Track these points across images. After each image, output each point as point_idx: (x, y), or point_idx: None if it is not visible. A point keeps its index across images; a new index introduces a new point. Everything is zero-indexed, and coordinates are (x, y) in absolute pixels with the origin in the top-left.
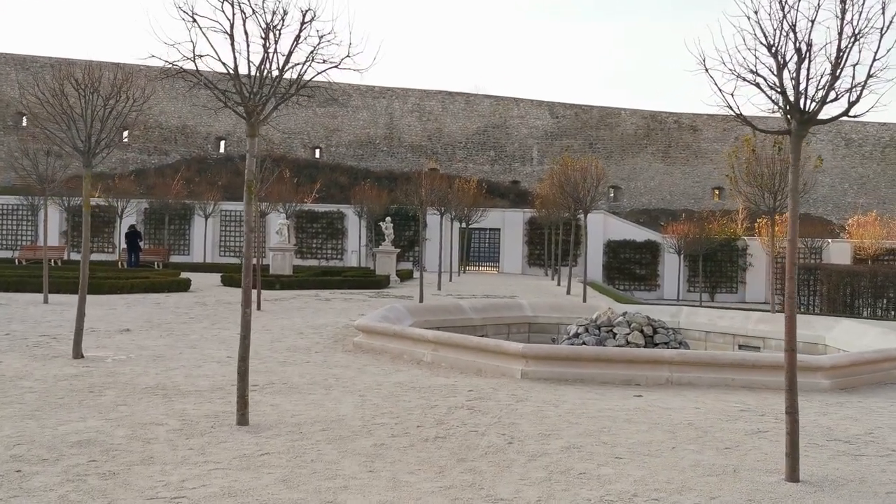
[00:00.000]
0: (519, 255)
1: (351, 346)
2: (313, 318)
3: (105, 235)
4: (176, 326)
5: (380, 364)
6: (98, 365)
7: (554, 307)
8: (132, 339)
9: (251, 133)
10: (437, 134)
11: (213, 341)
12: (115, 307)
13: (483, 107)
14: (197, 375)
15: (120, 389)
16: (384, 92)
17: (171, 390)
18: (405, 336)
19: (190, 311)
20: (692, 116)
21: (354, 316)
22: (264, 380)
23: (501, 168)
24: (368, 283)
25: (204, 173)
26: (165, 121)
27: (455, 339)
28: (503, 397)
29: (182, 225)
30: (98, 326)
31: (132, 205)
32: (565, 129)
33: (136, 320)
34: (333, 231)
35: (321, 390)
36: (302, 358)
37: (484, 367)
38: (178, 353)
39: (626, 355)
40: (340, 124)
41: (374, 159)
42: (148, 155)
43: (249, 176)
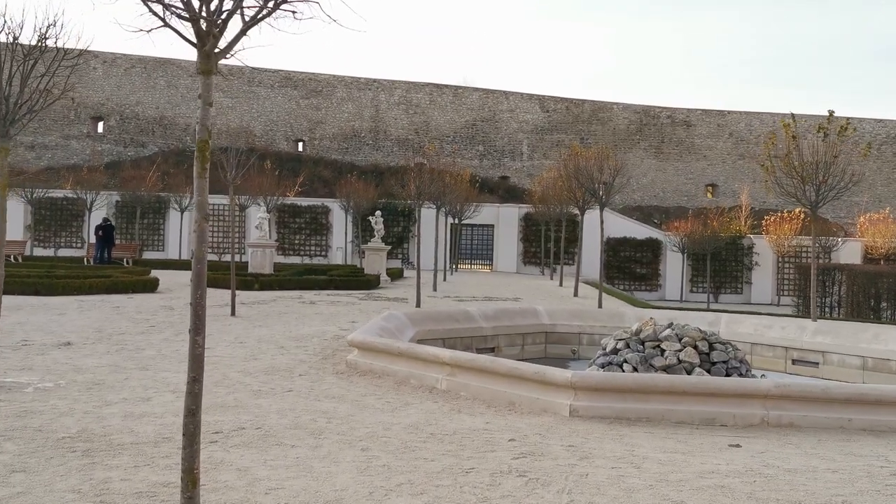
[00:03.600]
0: (514, 253)
1: (344, 365)
2: (297, 327)
3: (73, 229)
4: (130, 338)
5: (382, 393)
6: (12, 397)
7: (574, 314)
8: (69, 358)
9: (204, 68)
10: (424, 127)
11: (171, 359)
12: (65, 311)
13: (472, 100)
14: (140, 415)
15: (27, 441)
16: (370, 83)
17: (98, 441)
18: (413, 355)
19: (152, 318)
20: (686, 111)
21: (344, 323)
22: (231, 421)
23: (490, 163)
24: (357, 283)
25: (182, 165)
26: (142, 111)
27: (480, 361)
28: (558, 450)
29: (156, 219)
30: (34, 338)
31: (102, 197)
32: (556, 124)
33: (83, 329)
34: (318, 226)
35: (308, 440)
36: (282, 384)
37: (518, 400)
38: (123, 377)
39: (706, 386)
40: (324, 116)
41: (360, 153)
42: (124, 147)
43: (202, 135)
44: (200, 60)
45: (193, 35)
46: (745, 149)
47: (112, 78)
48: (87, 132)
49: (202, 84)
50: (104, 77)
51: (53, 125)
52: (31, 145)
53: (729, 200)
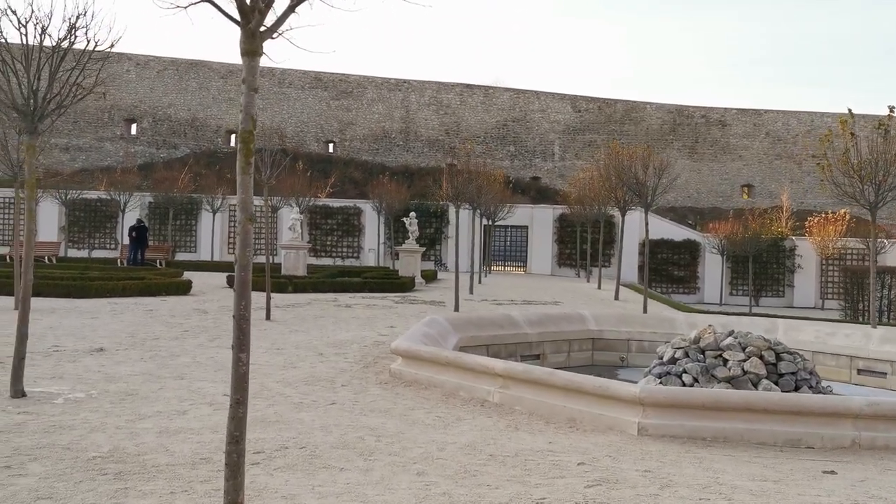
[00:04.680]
0: (548, 255)
1: (387, 375)
2: (334, 332)
3: (107, 230)
4: (164, 343)
5: (431, 406)
6: (41, 409)
7: (621, 319)
8: (102, 365)
9: (248, 48)
10: (454, 128)
11: (207, 367)
12: (98, 315)
13: (503, 100)
14: (175, 431)
15: (55, 461)
16: (400, 84)
17: (130, 462)
18: (462, 366)
19: (186, 321)
20: (721, 111)
21: (382, 328)
22: (273, 439)
23: (521, 164)
24: (392, 286)
25: (213, 167)
26: (175, 113)
27: (535, 373)
28: (634, 476)
29: (188, 220)
30: (65, 344)
31: (135, 198)
32: (588, 124)
33: (116, 334)
34: (349, 228)
35: (358, 462)
36: (324, 396)
37: (579, 416)
38: (157, 387)
39: (791, 404)
40: (355, 117)
41: (390, 154)
42: (156, 148)
43: (246, 124)
44: (244, 40)
45: (236, 11)
46: (783, 148)
47: (145, 80)
48: (120, 134)
49: (246, 66)
50: (137, 79)
51: (87, 127)
52: (66, 147)
53: (766, 201)
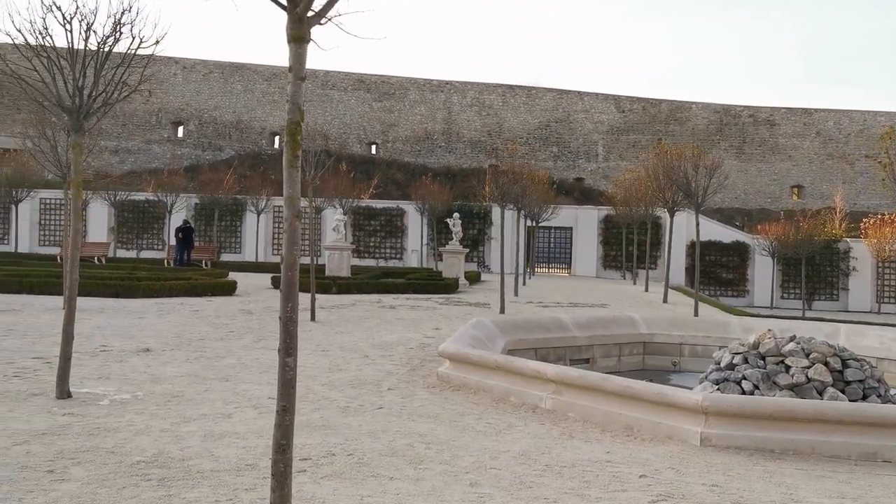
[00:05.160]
0: (593, 257)
1: (434, 378)
2: (379, 334)
3: (154, 231)
4: (209, 344)
5: (480, 412)
6: (87, 411)
7: (673, 323)
8: (148, 366)
9: (296, 34)
10: (496, 129)
11: (252, 369)
12: (145, 315)
13: (545, 101)
14: (220, 435)
15: (98, 465)
16: (442, 86)
17: (175, 467)
18: (513, 370)
19: (231, 322)
20: (769, 110)
21: (428, 330)
22: (320, 445)
23: (565, 164)
24: (436, 287)
25: (258, 168)
26: (220, 116)
27: (590, 379)
28: (701, 492)
29: (233, 221)
30: (113, 344)
31: (181, 200)
32: (632, 124)
33: (162, 335)
34: (392, 229)
35: (408, 470)
36: (371, 400)
37: (637, 424)
38: (203, 388)
39: (867, 415)
40: (397, 119)
41: (432, 155)
42: (202, 150)
43: (293, 115)
44: (291, 25)
45: None
46: (835, 148)
47: (191, 83)
48: (167, 136)
49: (293, 54)
50: (184, 83)
51: (136, 130)
52: (116, 150)
53: (817, 202)
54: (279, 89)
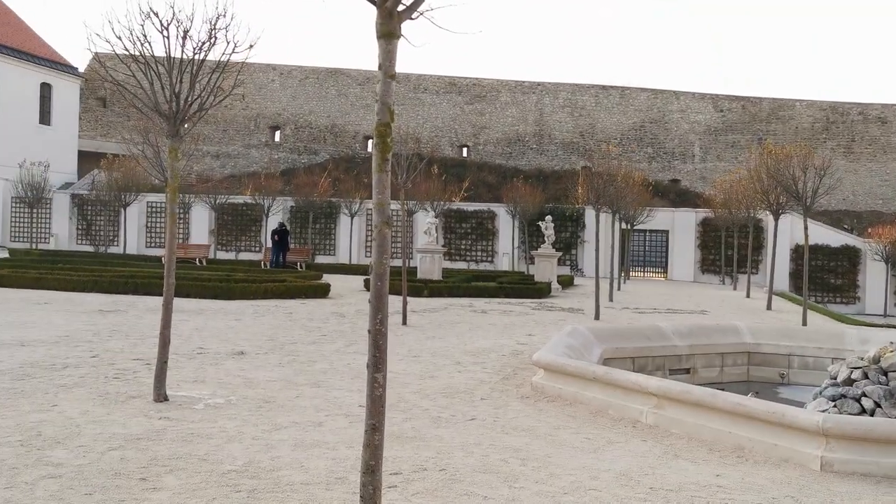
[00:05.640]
0: (690, 261)
1: (528, 388)
2: (471, 339)
3: (252, 234)
4: (302, 348)
5: (577, 426)
6: (181, 416)
7: (781, 333)
8: (242, 369)
9: (385, 30)
10: (589, 130)
11: (344, 375)
12: (241, 317)
13: (640, 101)
14: (311, 444)
15: (190, 473)
16: (534, 87)
17: (265, 478)
18: (611, 382)
19: (324, 325)
20: (880, 107)
21: (521, 336)
22: (411, 458)
23: (660, 166)
24: (528, 291)
25: (351, 172)
26: (315, 120)
27: (696, 394)
28: None
29: (327, 224)
30: (209, 346)
31: (278, 203)
32: (731, 124)
33: (256, 337)
34: (483, 231)
35: (502, 489)
36: (463, 410)
37: (748, 445)
38: (294, 394)
39: None
40: (488, 121)
41: (524, 157)
42: (298, 154)
43: (383, 116)
44: (381, 20)
45: None
46: None
47: (288, 89)
48: (265, 141)
49: (382, 51)
50: (280, 88)
51: (236, 135)
52: (217, 154)
53: None
54: (372, 93)
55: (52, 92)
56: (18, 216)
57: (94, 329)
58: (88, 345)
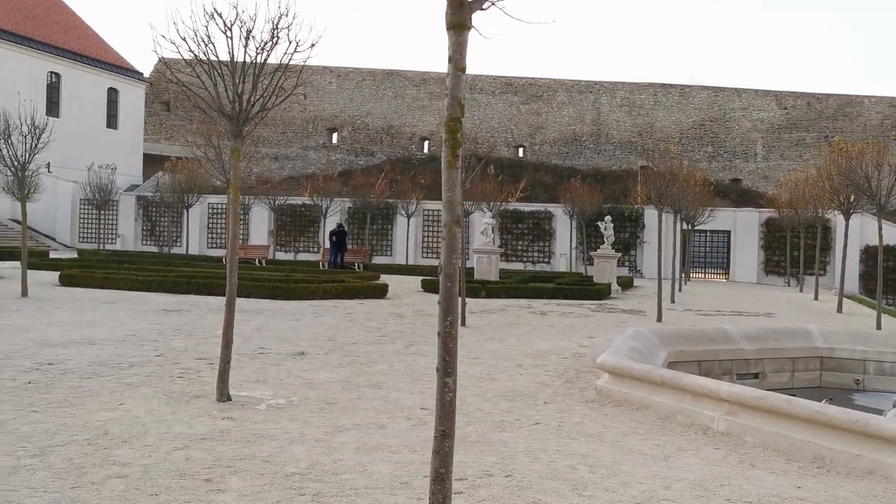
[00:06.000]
0: (753, 262)
1: (593, 392)
2: (531, 341)
3: (310, 234)
4: (362, 349)
5: (645, 432)
6: (244, 416)
7: (856, 337)
8: (303, 370)
9: (456, 21)
10: (648, 129)
11: (404, 376)
12: (301, 317)
13: (700, 99)
14: (373, 447)
15: (254, 475)
16: (591, 86)
17: (328, 481)
18: (680, 387)
19: (383, 326)
20: None
21: (581, 338)
22: (476, 463)
23: (720, 165)
24: (587, 293)
25: (408, 173)
26: (372, 122)
27: (771, 401)
28: None
29: (384, 225)
30: (271, 346)
31: (335, 204)
32: (795, 121)
33: (317, 338)
34: (540, 232)
35: (571, 497)
36: (527, 414)
37: (829, 455)
38: (355, 396)
39: None
40: (545, 121)
41: (580, 157)
42: (355, 156)
43: (452, 111)
44: (451, 10)
45: None
46: None
47: (345, 91)
48: (322, 143)
49: (452, 43)
50: (338, 90)
51: (294, 137)
52: (276, 156)
53: None
54: (428, 94)
55: (118, 97)
56: (87, 218)
57: (159, 328)
58: (153, 344)
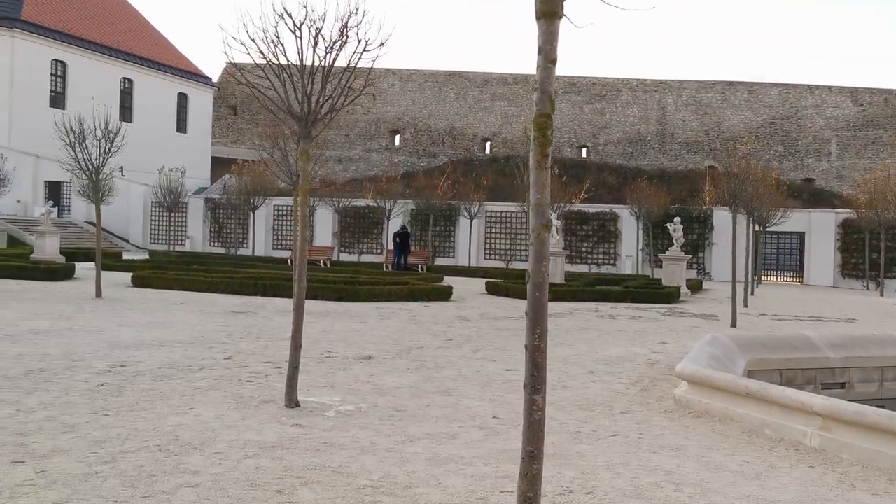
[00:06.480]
0: (829, 264)
1: (670, 402)
2: (602, 346)
3: (373, 236)
4: (428, 353)
5: (731, 446)
6: (313, 423)
7: None
8: (371, 375)
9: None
10: (715, 128)
11: (473, 383)
12: (366, 319)
13: (770, 96)
14: (445, 459)
15: (325, 487)
16: (656, 85)
17: (401, 495)
18: (768, 399)
19: (448, 329)
20: None
21: (654, 344)
22: (554, 478)
23: (792, 164)
24: (656, 296)
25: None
26: (434, 123)
27: (870, 416)
28: None
29: (447, 226)
30: (337, 350)
31: (399, 205)
32: (872, 119)
33: (383, 341)
34: (606, 234)
35: None
36: (603, 425)
37: None
38: (424, 403)
39: None
40: (609, 121)
41: (645, 157)
42: (417, 158)
43: (542, 107)
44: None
45: None
46: None
47: (407, 93)
48: (385, 145)
49: (542, 32)
50: (401, 93)
51: (357, 140)
52: (339, 159)
53: None
54: (490, 95)
55: (188, 101)
56: (158, 219)
57: (227, 330)
58: (222, 346)
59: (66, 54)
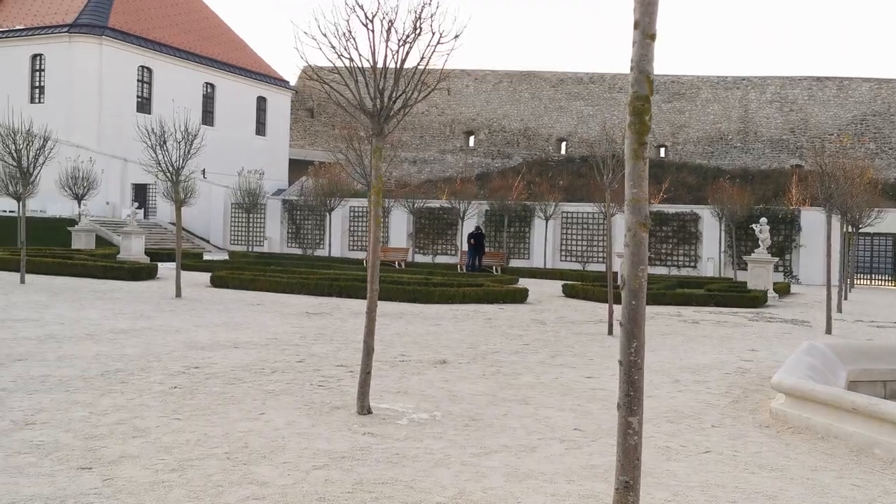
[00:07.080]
0: None
1: (766, 415)
2: (687, 353)
3: (448, 237)
4: (504, 358)
5: (839, 467)
6: (385, 432)
7: None
8: (445, 380)
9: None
10: (801, 126)
11: (553, 390)
12: (440, 322)
13: (860, 92)
14: (525, 475)
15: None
16: (738, 82)
17: None
18: (877, 416)
19: (524, 333)
20: None
21: (742, 351)
22: (643, 500)
23: (885, 163)
24: (741, 300)
25: (545, 175)
26: (508, 124)
27: None
28: None
29: (522, 227)
30: (411, 353)
31: (473, 207)
32: None
33: (457, 345)
34: (686, 235)
35: None
36: (694, 440)
37: None
38: (501, 412)
39: None
40: (688, 120)
41: (726, 156)
42: (492, 159)
43: (640, 88)
44: None
45: None
46: None
47: (482, 94)
48: (459, 146)
49: (640, 4)
50: (475, 94)
51: (432, 141)
52: (414, 160)
53: None
54: (565, 94)
55: (266, 105)
56: (237, 221)
57: (301, 332)
58: (295, 349)
59: (152, 60)
